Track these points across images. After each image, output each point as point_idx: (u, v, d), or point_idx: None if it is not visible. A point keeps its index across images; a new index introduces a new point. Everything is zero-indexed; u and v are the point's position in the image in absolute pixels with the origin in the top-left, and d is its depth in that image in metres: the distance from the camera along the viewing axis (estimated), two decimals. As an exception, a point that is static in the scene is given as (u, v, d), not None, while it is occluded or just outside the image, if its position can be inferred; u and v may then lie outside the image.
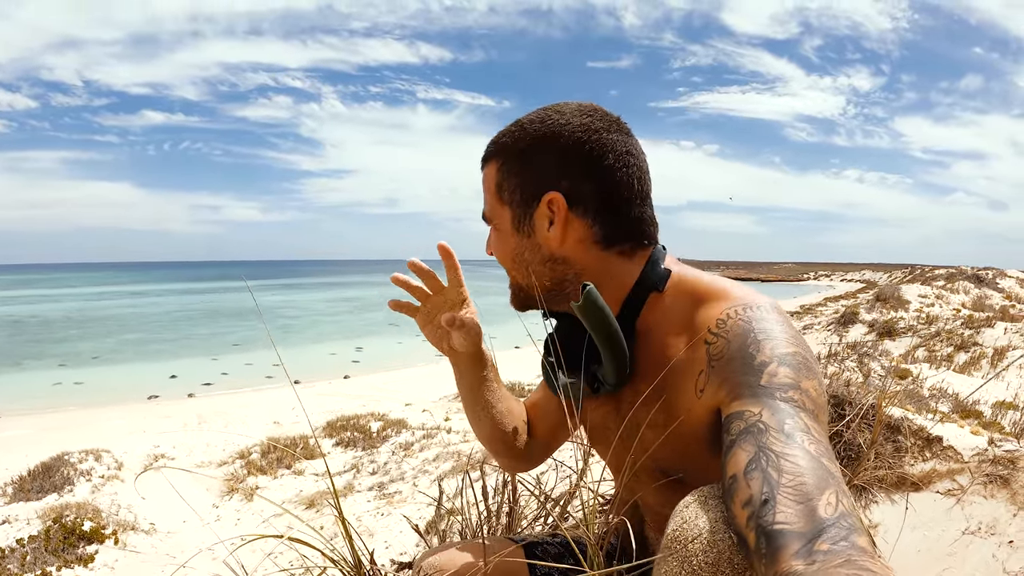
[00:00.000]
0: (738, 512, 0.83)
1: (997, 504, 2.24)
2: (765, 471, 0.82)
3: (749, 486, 0.82)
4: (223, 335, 30.09)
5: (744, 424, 0.92)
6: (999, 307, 13.32)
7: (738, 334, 1.04)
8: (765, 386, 0.95)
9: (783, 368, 0.97)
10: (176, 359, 22.54)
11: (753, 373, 0.98)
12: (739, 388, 0.98)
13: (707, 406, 1.05)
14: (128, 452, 9.13)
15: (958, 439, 2.61)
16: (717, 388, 1.02)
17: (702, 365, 1.07)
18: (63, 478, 7.45)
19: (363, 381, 17.41)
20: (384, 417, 11.13)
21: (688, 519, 0.93)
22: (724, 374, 1.02)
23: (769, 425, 0.89)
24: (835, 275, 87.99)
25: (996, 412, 4.88)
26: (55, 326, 35.92)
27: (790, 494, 0.78)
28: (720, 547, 0.88)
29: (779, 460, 0.83)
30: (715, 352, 1.05)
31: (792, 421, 0.89)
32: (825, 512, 0.75)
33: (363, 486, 7.88)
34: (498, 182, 1.26)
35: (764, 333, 1.03)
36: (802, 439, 0.86)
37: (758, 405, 0.93)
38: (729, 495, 0.87)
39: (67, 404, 15.26)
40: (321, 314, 42.28)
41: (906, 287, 16.47)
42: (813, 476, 0.80)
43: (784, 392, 0.94)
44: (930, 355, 9.13)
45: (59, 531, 5.38)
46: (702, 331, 1.10)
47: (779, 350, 1.00)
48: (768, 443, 0.86)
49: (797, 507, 0.76)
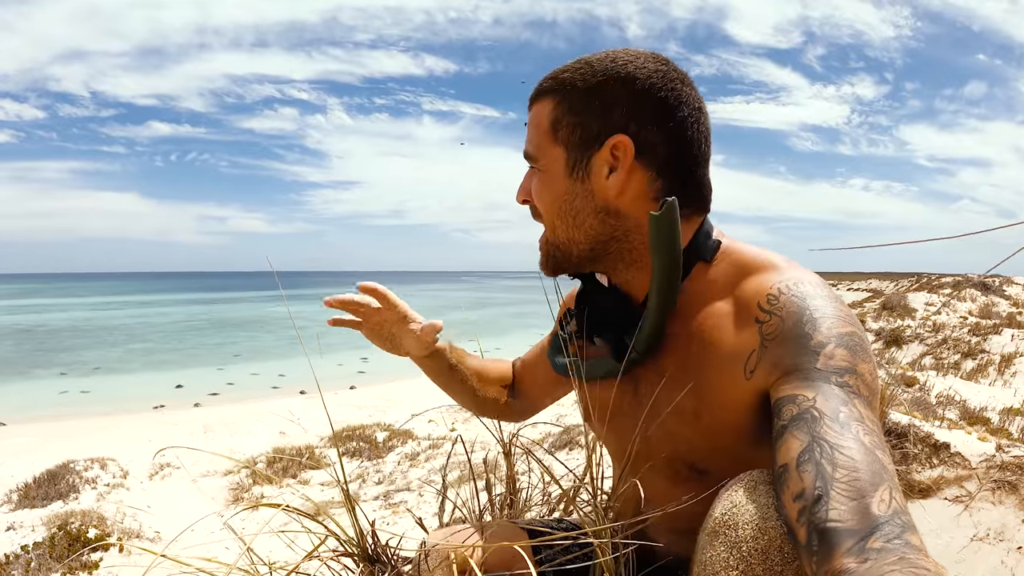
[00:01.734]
0: (789, 504, 0.81)
1: (1006, 510, 2.22)
2: (819, 463, 0.80)
3: (802, 479, 0.80)
4: (229, 345, 30.13)
5: (797, 409, 0.89)
6: (1006, 314, 13.27)
7: (792, 311, 1.00)
8: (821, 369, 0.92)
9: (840, 350, 0.94)
10: (182, 369, 22.57)
11: (809, 354, 0.94)
12: (793, 370, 0.95)
13: (756, 388, 1.01)
14: (133, 460, 9.13)
15: (966, 445, 2.59)
16: (770, 369, 0.98)
17: (754, 344, 1.02)
18: (68, 486, 7.45)
19: (369, 391, 17.40)
20: (390, 427, 11.13)
21: (738, 503, 0.90)
22: (778, 354, 0.98)
23: (824, 412, 0.86)
24: (842, 284, 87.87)
25: (1004, 418, 4.86)
26: (62, 335, 36.00)
27: (844, 490, 0.76)
28: (771, 534, 0.86)
29: (833, 452, 0.80)
30: (768, 331, 1.01)
31: (847, 409, 0.86)
32: (879, 509, 0.73)
33: (369, 496, 7.87)
34: (555, 119, 1.14)
35: (820, 311, 0.99)
36: (857, 429, 0.83)
37: (812, 390, 0.90)
38: (780, 485, 0.84)
39: (73, 413, 15.26)
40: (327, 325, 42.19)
41: (913, 295, 16.43)
42: (868, 471, 0.77)
43: (840, 376, 0.91)
44: (937, 363, 9.10)
45: (64, 538, 5.37)
46: (750, 306, 1.05)
47: (836, 329, 0.96)
48: (822, 432, 0.83)
49: (851, 503, 0.74)
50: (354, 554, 1.42)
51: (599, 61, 1.12)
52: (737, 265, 1.12)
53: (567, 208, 1.16)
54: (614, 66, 1.10)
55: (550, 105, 1.15)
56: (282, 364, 22.64)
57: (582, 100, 1.12)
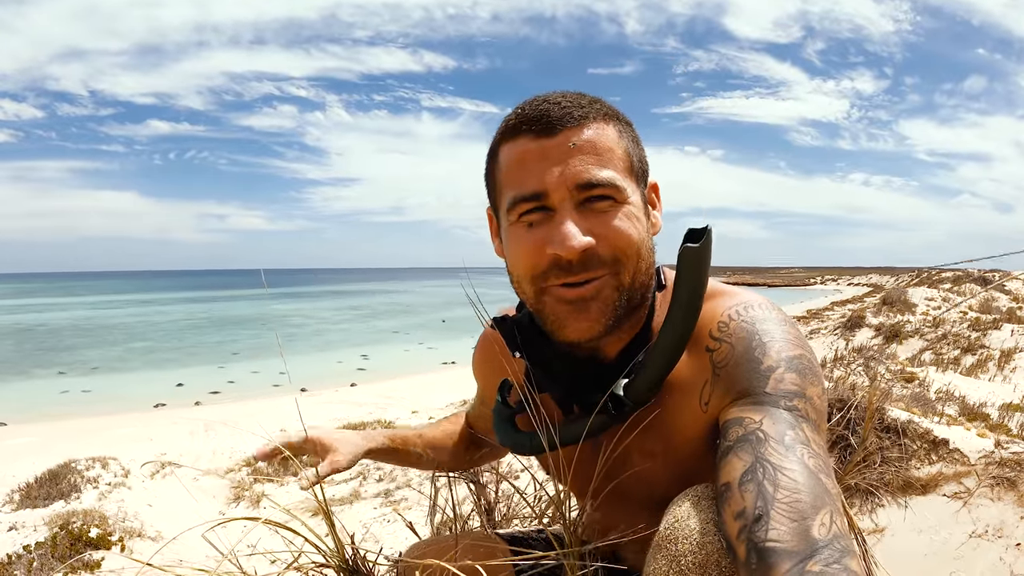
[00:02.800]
0: (729, 522, 0.81)
1: (1004, 507, 2.22)
2: (761, 484, 0.80)
3: (743, 497, 0.80)
4: (230, 343, 30.11)
5: (743, 431, 0.89)
6: (1006, 309, 13.27)
7: (742, 337, 0.99)
8: (770, 393, 0.92)
9: (790, 374, 0.94)
10: (183, 367, 22.56)
11: (759, 378, 0.95)
12: (744, 394, 0.95)
13: (711, 418, 1.01)
14: (135, 460, 9.14)
15: (965, 442, 2.60)
16: (722, 396, 0.99)
17: (706, 375, 1.02)
18: (70, 485, 7.45)
19: (369, 389, 17.39)
20: (391, 425, 11.12)
21: (680, 517, 0.91)
22: (730, 380, 0.98)
23: (769, 435, 0.86)
24: (842, 279, 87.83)
25: (1003, 414, 4.85)
26: (62, 334, 35.97)
27: (785, 511, 0.76)
28: (709, 549, 0.86)
29: (776, 473, 0.81)
30: (719, 359, 1.00)
31: (793, 432, 0.87)
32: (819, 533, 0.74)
33: (369, 493, 7.87)
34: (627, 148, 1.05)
35: (769, 335, 0.98)
36: (802, 452, 0.84)
37: (760, 412, 0.90)
38: (722, 503, 0.84)
39: (74, 412, 15.25)
40: (327, 322, 42.28)
41: (913, 290, 16.43)
42: (810, 494, 0.78)
43: (789, 400, 0.91)
44: (937, 358, 9.10)
45: (66, 538, 5.38)
46: (701, 335, 1.04)
47: (785, 353, 0.96)
48: (766, 454, 0.84)
49: (791, 525, 0.75)
50: (333, 564, 1.43)
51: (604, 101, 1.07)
52: None
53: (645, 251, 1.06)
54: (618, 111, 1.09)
55: (615, 132, 1.05)
56: (282, 362, 22.61)
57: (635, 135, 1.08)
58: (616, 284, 1.03)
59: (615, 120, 1.06)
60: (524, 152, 1.03)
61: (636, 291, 1.06)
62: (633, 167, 1.06)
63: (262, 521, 1.32)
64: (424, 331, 35.01)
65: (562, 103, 1.03)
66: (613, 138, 1.03)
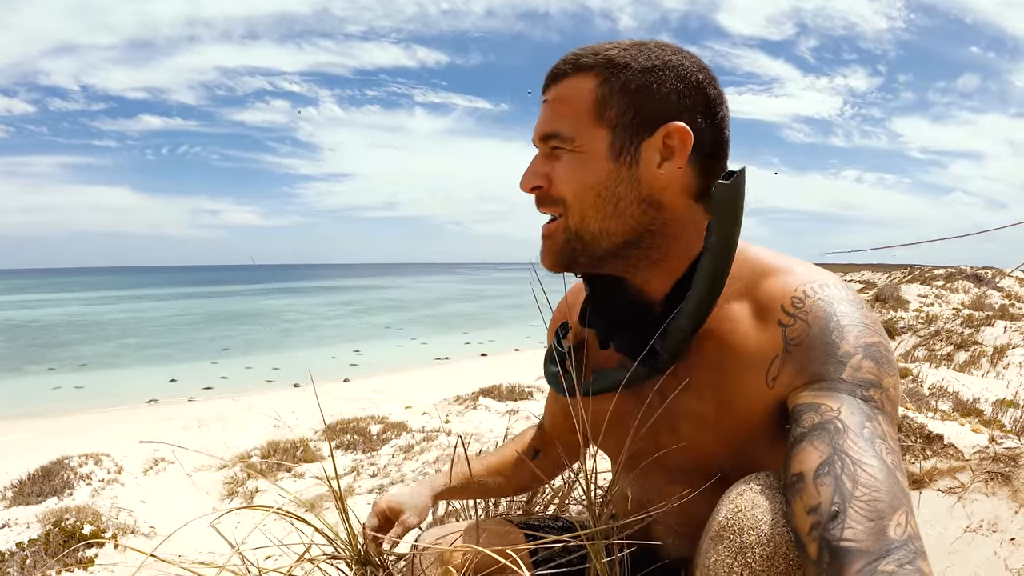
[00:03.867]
0: (801, 515, 0.79)
1: (998, 501, 2.23)
2: (839, 478, 0.77)
3: (819, 492, 0.78)
4: (223, 339, 30.06)
5: (819, 418, 0.86)
6: (999, 306, 13.32)
7: (819, 316, 0.96)
8: (847, 380, 0.89)
9: (867, 362, 0.91)
10: (176, 363, 22.50)
11: (835, 363, 0.91)
12: (818, 378, 0.92)
13: (778, 395, 0.97)
14: (128, 456, 9.11)
15: (959, 437, 2.60)
16: (793, 376, 0.95)
17: (777, 350, 0.98)
18: (63, 482, 7.44)
19: (363, 384, 17.37)
20: (384, 420, 11.11)
21: (744, 508, 0.87)
22: (802, 361, 0.95)
23: (848, 426, 0.83)
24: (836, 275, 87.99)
25: (996, 410, 4.87)
26: (55, 331, 35.86)
27: (863, 509, 0.74)
28: (777, 541, 0.83)
29: (856, 469, 0.78)
30: (793, 336, 0.97)
31: (871, 425, 0.84)
32: (895, 532, 0.72)
33: (363, 488, 7.86)
34: (600, 97, 1.04)
35: (847, 318, 0.95)
36: (880, 447, 0.81)
37: (837, 400, 0.87)
38: (793, 494, 0.82)
39: (67, 408, 15.21)
40: (321, 317, 42.26)
41: (906, 287, 16.47)
42: (888, 492, 0.75)
43: (866, 390, 0.88)
44: (930, 354, 9.13)
45: (59, 535, 5.37)
46: (772, 308, 1.01)
47: (863, 339, 0.93)
48: (845, 446, 0.80)
49: (868, 524, 0.73)
50: (346, 556, 1.42)
51: (648, 47, 1.06)
52: (752, 266, 1.08)
53: (607, 195, 1.05)
54: (664, 54, 1.05)
55: (593, 82, 1.05)
56: (276, 358, 22.62)
57: (638, 81, 1.04)
58: (564, 226, 1.09)
59: (605, 69, 1.05)
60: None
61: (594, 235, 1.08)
62: (605, 115, 1.04)
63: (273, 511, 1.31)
64: (417, 326, 35.02)
65: (564, 59, 1.08)
66: (586, 89, 1.05)
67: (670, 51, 1.06)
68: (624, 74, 1.04)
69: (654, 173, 1.05)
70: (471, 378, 14.77)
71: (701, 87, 1.05)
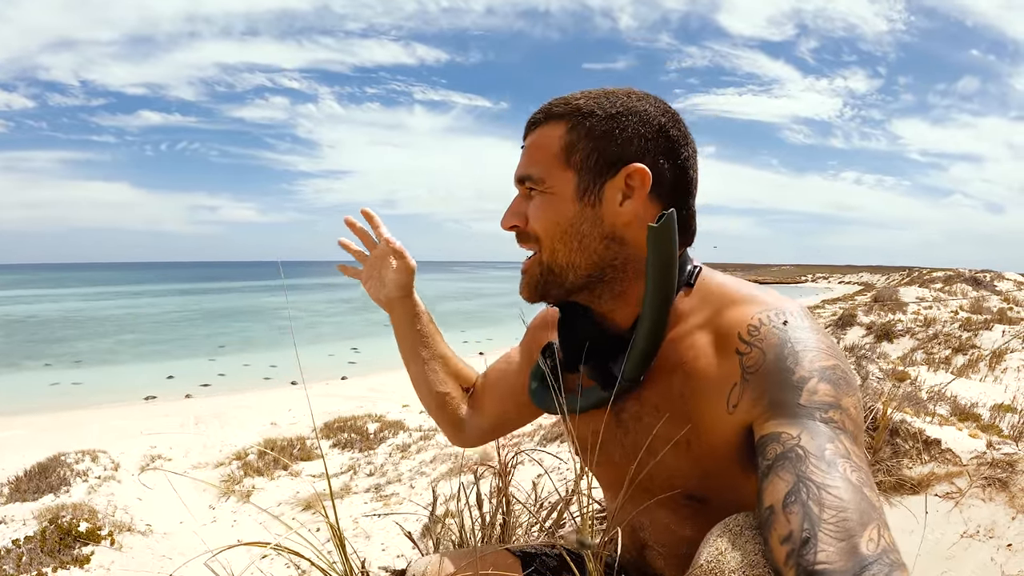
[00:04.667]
0: (776, 547, 0.80)
1: (996, 507, 2.23)
2: (806, 504, 0.79)
3: (788, 520, 0.79)
4: (221, 336, 30.09)
5: (781, 448, 0.87)
6: (997, 309, 13.33)
7: (773, 344, 0.98)
8: (804, 405, 0.91)
9: (823, 384, 0.92)
10: (174, 360, 22.52)
11: (791, 390, 0.93)
12: (776, 406, 0.93)
13: (739, 422, 1.00)
14: (125, 453, 9.12)
15: (956, 442, 2.60)
16: (752, 404, 0.97)
17: (735, 378, 1.01)
18: (59, 479, 7.44)
19: (360, 382, 17.41)
20: (381, 418, 11.13)
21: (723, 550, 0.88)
22: (759, 389, 0.97)
23: (808, 451, 0.85)
24: (833, 277, 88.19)
25: (994, 415, 4.87)
26: (53, 326, 35.89)
27: (832, 531, 0.75)
28: None
29: (820, 492, 0.79)
30: (749, 364, 0.99)
31: (833, 446, 0.85)
32: (867, 549, 0.73)
33: (360, 487, 7.87)
34: (568, 143, 1.12)
35: (801, 343, 0.97)
36: (843, 467, 0.82)
37: (796, 427, 0.89)
38: (767, 527, 0.82)
39: (64, 404, 15.22)
40: (320, 315, 42.27)
41: (904, 289, 16.50)
42: (856, 511, 0.77)
43: (824, 412, 0.90)
44: (928, 358, 9.13)
45: (55, 532, 5.36)
46: (731, 337, 1.04)
47: (818, 363, 0.95)
48: (808, 472, 0.82)
49: (839, 544, 0.74)
50: None
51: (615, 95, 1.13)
52: (716, 295, 1.12)
53: (572, 232, 1.14)
54: (628, 101, 1.12)
55: (561, 128, 1.13)
56: (274, 355, 22.64)
57: (601, 127, 1.11)
58: (539, 260, 1.18)
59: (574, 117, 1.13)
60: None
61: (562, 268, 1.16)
62: (572, 159, 1.12)
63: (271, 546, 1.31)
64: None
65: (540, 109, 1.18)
66: (556, 135, 1.14)
67: (635, 97, 1.13)
68: (589, 120, 1.12)
69: (616, 211, 1.12)
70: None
71: (663, 130, 1.12)
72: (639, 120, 1.11)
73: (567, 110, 1.14)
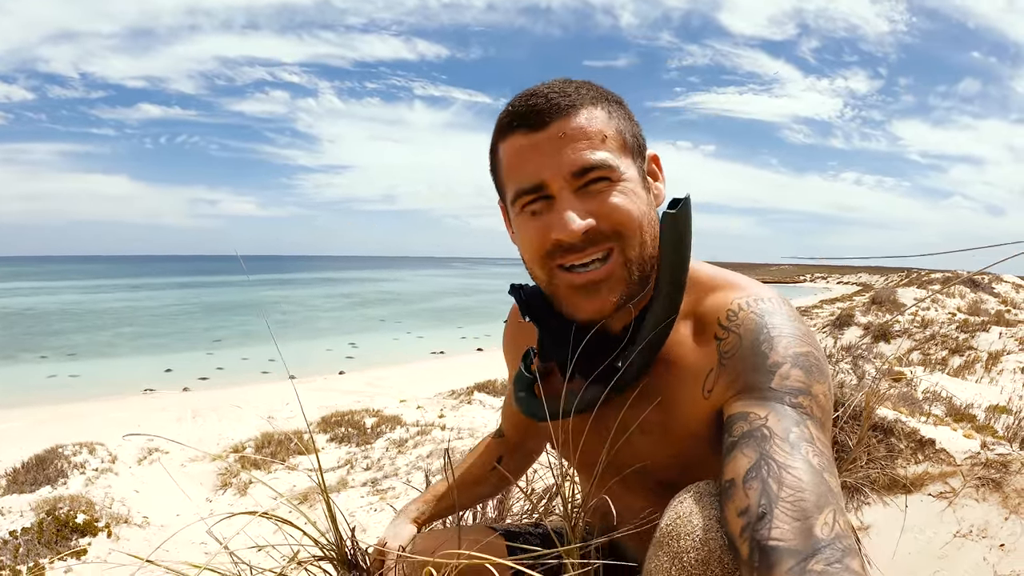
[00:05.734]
0: (732, 519, 0.82)
1: (989, 507, 2.24)
2: (765, 481, 0.80)
3: (747, 495, 0.81)
4: (219, 330, 30.04)
5: (748, 427, 0.89)
6: (994, 311, 13.34)
7: (750, 329, 1.00)
8: (775, 389, 0.93)
9: (795, 370, 0.94)
10: (172, 353, 22.49)
11: (764, 373, 0.95)
12: (747, 389, 0.95)
13: (713, 407, 1.02)
14: (122, 445, 9.11)
15: (951, 442, 2.61)
16: (726, 387, 0.99)
17: (712, 363, 1.03)
18: (57, 471, 7.44)
19: (358, 377, 17.37)
20: (379, 413, 11.12)
21: (682, 515, 0.91)
22: (734, 372, 0.99)
23: (774, 431, 0.86)
24: (831, 277, 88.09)
25: (989, 416, 4.89)
26: (51, 319, 35.81)
27: (788, 509, 0.77)
28: (711, 546, 0.86)
29: (781, 471, 0.81)
30: (726, 349, 1.01)
31: (798, 430, 0.87)
32: (822, 532, 0.74)
33: (356, 482, 7.87)
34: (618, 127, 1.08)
35: (777, 329, 0.99)
36: (806, 450, 0.84)
37: (765, 408, 0.91)
38: (725, 499, 0.85)
39: (62, 397, 15.19)
40: (318, 309, 42.20)
41: (902, 290, 16.49)
42: (814, 493, 0.78)
43: (794, 397, 0.92)
44: (925, 358, 9.14)
45: (52, 523, 5.37)
46: (710, 323, 1.06)
47: (792, 349, 0.97)
48: (771, 451, 0.84)
49: (794, 524, 0.75)
50: (333, 559, 1.43)
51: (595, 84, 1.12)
52: (698, 284, 1.12)
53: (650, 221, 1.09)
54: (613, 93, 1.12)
55: (604, 113, 1.07)
56: (272, 349, 22.62)
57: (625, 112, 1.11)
58: (624, 260, 1.07)
59: (604, 101, 1.08)
60: (520, 148, 1.07)
61: (646, 263, 1.09)
62: (627, 144, 1.09)
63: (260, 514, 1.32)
64: (414, 320, 35.01)
65: (549, 95, 1.06)
66: (603, 119, 1.07)
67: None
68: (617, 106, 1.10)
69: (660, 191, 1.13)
70: (466, 373, 14.79)
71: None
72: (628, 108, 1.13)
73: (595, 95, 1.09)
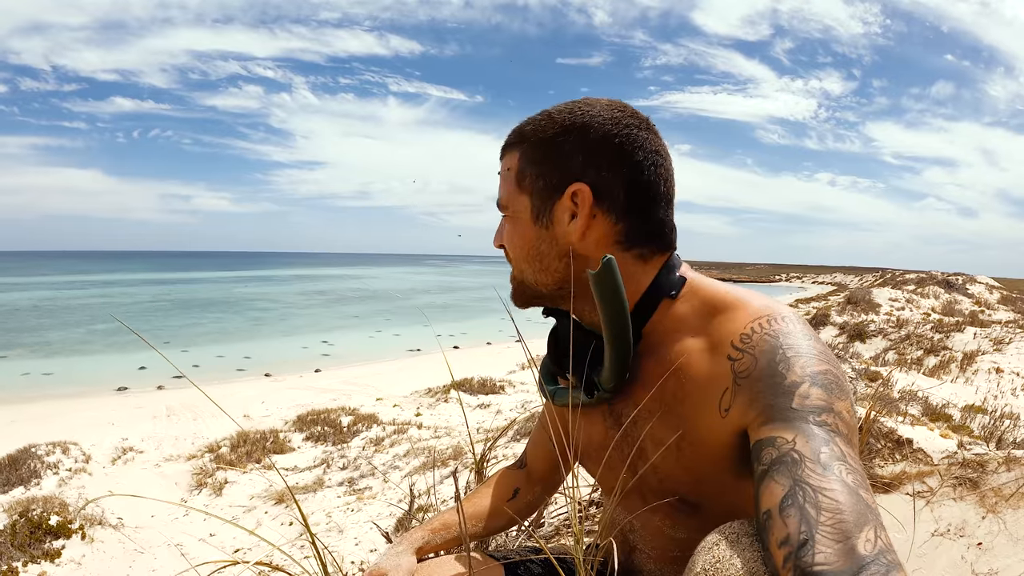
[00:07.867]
0: (775, 551, 0.80)
1: (966, 506, 2.26)
2: (802, 508, 0.79)
3: (786, 524, 0.79)
4: (194, 326, 29.85)
5: (777, 452, 0.88)
6: (968, 312, 13.49)
7: (765, 350, 0.99)
8: (797, 409, 0.91)
9: (815, 389, 0.93)
10: (146, 350, 22.29)
11: (784, 394, 0.93)
12: (769, 411, 0.93)
13: (733, 426, 1.00)
14: (96, 445, 9.03)
15: (928, 442, 2.63)
16: (745, 408, 0.97)
17: (727, 382, 1.01)
18: (30, 471, 7.36)
19: (334, 375, 17.33)
20: (355, 412, 11.09)
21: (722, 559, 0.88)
22: (752, 394, 0.97)
23: (804, 455, 0.85)
24: (807, 277, 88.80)
25: (965, 415, 4.93)
26: (23, 315, 35.42)
27: (829, 533, 0.76)
28: None
29: (816, 495, 0.80)
30: (741, 369, 1.00)
31: (828, 449, 0.85)
32: (864, 549, 0.74)
33: (333, 481, 7.84)
34: (520, 169, 1.18)
35: (793, 349, 0.98)
36: (839, 469, 0.83)
37: (791, 431, 0.89)
38: (765, 532, 0.83)
39: (35, 395, 15.04)
40: (294, 307, 42.03)
41: (877, 290, 16.63)
42: (852, 512, 0.77)
43: (817, 416, 0.90)
44: (900, 358, 9.22)
45: (25, 525, 5.30)
46: (724, 344, 1.04)
47: (810, 368, 0.95)
48: (804, 476, 0.83)
49: (836, 546, 0.74)
50: None
51: (558, 113, 1.15)
52: (707, 302, 1.12)
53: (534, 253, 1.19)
54: (571, 117, 1.14)
55: (516, 156, 1.19)
56: (248, 346, 22.48)
57: (541, 151, 1.15)
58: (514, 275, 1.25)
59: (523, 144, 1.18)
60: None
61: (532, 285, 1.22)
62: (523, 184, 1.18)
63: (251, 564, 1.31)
64: (390, 317, 34.93)
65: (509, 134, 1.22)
66: (514, 163, 1.19)
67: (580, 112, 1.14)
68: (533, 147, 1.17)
69: (567, 230, 1.14)
70: (443, 370, 14.78)
71: (607, 140, 1.12)
72: (579, 136, 1.13)
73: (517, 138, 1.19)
